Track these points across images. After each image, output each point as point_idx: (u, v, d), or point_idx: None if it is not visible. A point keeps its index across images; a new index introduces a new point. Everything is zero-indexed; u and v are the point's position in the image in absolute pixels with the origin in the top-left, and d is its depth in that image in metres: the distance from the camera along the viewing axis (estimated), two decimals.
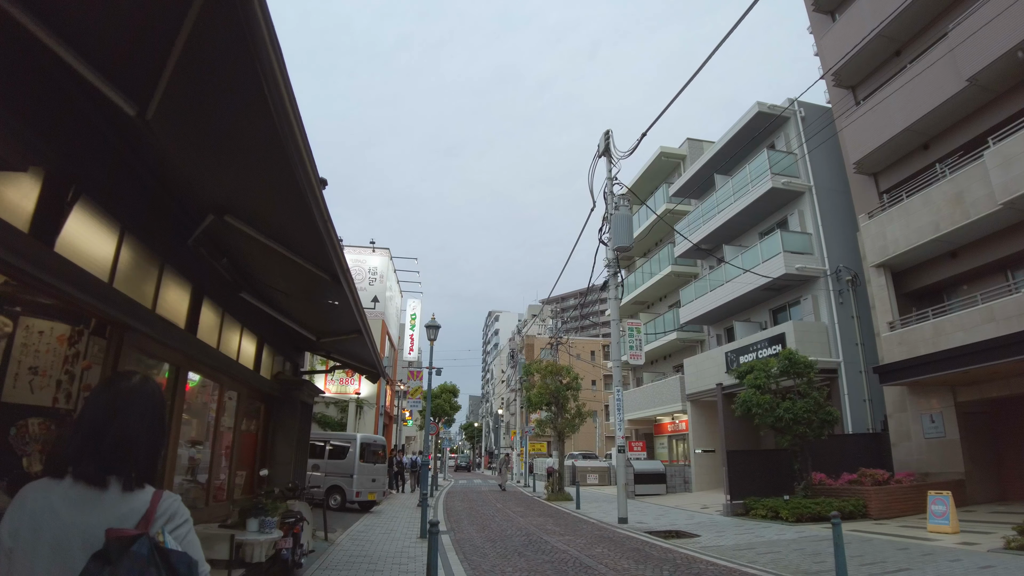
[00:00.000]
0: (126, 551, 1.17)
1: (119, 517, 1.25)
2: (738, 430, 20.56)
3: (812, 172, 19.97)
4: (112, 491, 1.28)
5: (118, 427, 1.32)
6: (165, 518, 1.30)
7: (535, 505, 18.43)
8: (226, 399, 6.63)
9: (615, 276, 14.96)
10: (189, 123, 3.10)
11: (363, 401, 18.80)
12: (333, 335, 6.88)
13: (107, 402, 1.34)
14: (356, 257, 20.32)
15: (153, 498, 1.31)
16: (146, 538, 1.20)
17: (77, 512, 1.23)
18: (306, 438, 8.89)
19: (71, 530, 1.21)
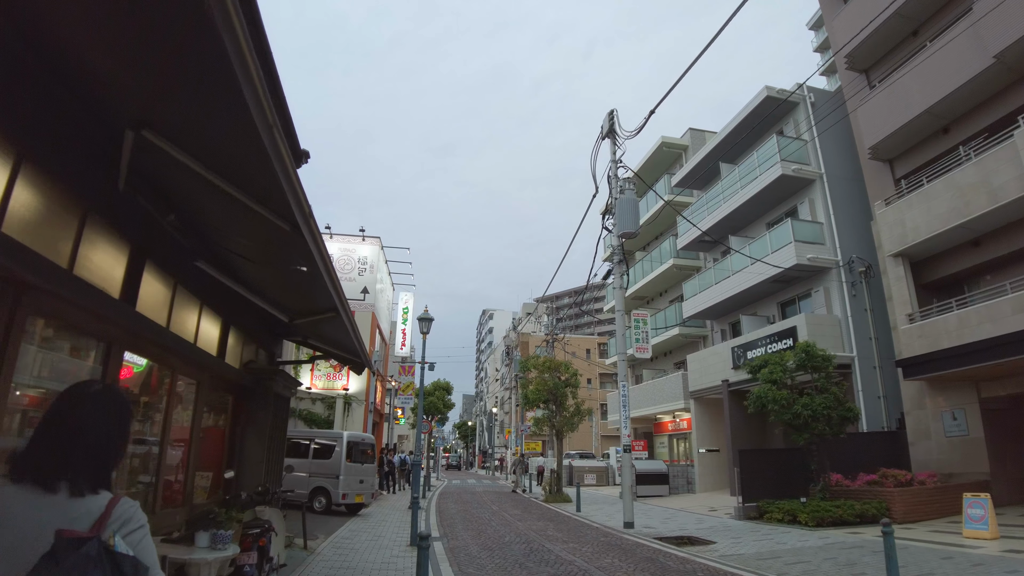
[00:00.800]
0: (75, 551, 1.18)
1: (72, 519, 1.27)
2: (745, 428, 19.77)
3: (823, 159, 19.12)
4: (64, 492, 1.30)
5: (73, 433, 1.35)
6: (119, 523, 1.31)
7: (533, 507, 17.49)
8: (181, 388, 5.64)
9: (620, 264, 14.04)
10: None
11: (351, 397, 17.80)
12: (308, 315, 5.90)
13: (66, 408, 1.38)
14: (344, 246, 19.29)
15: (109, 503, 1.33)
16: (96, 540, 1.22)
17: (33, 513, 1.27)
18: (281, 435, 7.92)
19: (27, 531, 1.24)
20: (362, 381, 18.05)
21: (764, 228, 20.78)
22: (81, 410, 1.38)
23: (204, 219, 4.59)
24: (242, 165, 3.13)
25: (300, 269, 4.43)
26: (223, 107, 2.52)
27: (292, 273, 4.93)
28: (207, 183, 3.34)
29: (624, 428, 13.02)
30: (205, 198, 3.99)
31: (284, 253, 4.38)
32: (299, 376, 17.75)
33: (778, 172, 18.64)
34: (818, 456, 13.37)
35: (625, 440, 12.95)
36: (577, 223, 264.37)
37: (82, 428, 1.36)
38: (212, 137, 2.99)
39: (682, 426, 25.49)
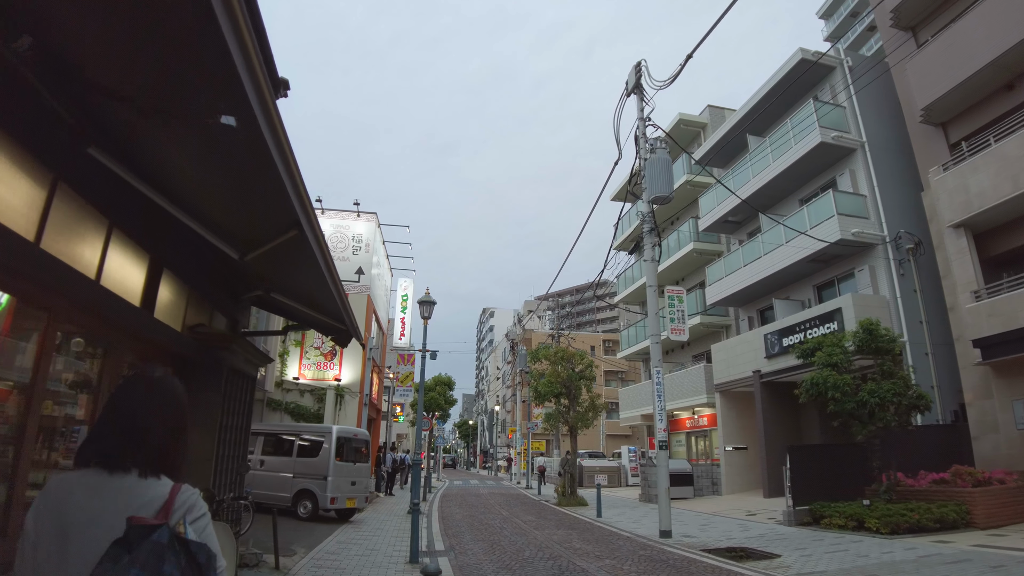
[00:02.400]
0: (146, 538, 1.20)
1: (138, 506, 1.28)
2: (778, 423, 17.95)
3: (864, 126, 17.34)
4: (129, 480, 1.31)
5: (137, 418, 1.36)
6: (184, 510, 1.33)
7: (547, 512, 15.66)
8: (60, 340, 3.82)
9: (652, 232, 12.23)
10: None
11: (344, 389, 15.97)
12: (262, 241, 4.07)
13: (127, 394, 1.40)
14: (337, 222, 17.46)
15: (172, 490, 1.34)
16: (166, 527, 1.24)
17: (96, 500, 1.27)
18: (242, 423, 6.10)
19: (90, 518, 1.25)
20: (356, 371, 16.22)
21: (797, 205, 18.99)
22: (148, 395, 1.40)
23: (85, 50, 2.77)
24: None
25: (226, 123, 2.61)
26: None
27: (223, 151, 3.12)
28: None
29: (659, 421, 11.21)
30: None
31: (196, 88, 2.58)
32: (286, 365, 15.93)
33: (816, 139, 16.85)
34: (881, 452, 11.57)
35: (661, 435, 11.14)
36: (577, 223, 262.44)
37: (148, 413, 1.38)
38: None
39: (702, 423, 23.68)
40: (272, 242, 3.99)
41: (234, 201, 3.84)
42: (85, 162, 3.38)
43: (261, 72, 2.44)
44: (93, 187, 3.70)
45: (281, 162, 2.98)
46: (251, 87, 2.39)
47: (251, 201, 3.71)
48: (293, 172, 3.17)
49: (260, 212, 3.79)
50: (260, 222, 3.94)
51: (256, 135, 2.69)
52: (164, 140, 3.28)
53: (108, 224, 4.04)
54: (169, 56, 2.47)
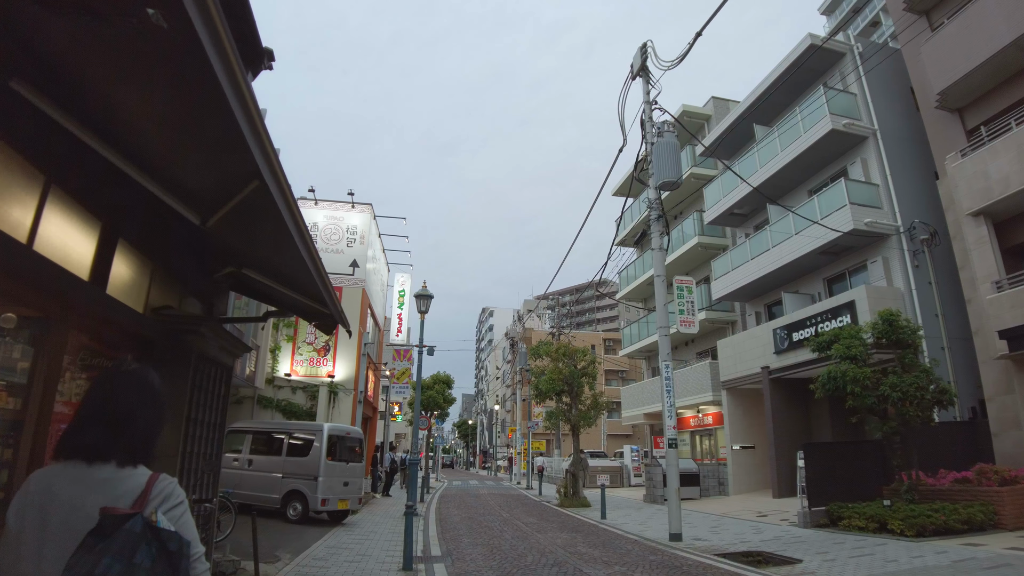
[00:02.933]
0: (119, 528, 1.22)
1: (115, 497, 1.31)
2: (788, 421, 17.37)
3: (875, 114, 16.77)
4: (108, 470, 1.35)
5: (113, 409, 1.39)
6: (160, 499, 1.34)
7: (549, 514, 15.07)
8: None
9: (659, 219, 11.65)
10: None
11: (338, 386, 15.36)
12: (222, 202, 3.48)
13: (105, 387, 1.44)
14: (331, 213, 16.83)
15: (149, 480, 1.37)
16: (139, 517, 1.26)
17: (75, 492, 1.30)
18: (216, 418, 5.49)
19: (69, 509, 1.28)
20: (351, 368, 15.61)
21: (806, 195, 18.43)
22: (125, 386, 1.42)
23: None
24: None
25: (156, 22, 2.02)
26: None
27: (171, 89, 2.53)
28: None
29: (669, 418, 10.62)
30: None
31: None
32: (278, 361, 15.32)
33: (827, 127, 16.29)
34: (902, 449, 11.00)
35: (670, 433, 10.55)
36: (577, 222, 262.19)
37: (125, 404, 1.40)
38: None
39: (706, 421, 23.11)
40: (233, 200, 3.39)
41: (186, 148, 3.25)
42: (8, 98, 2.78)
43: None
44: (21, 132, 3.11)
45: (231, 89, 2.39)
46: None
47: (204, 146, 3.12)
48: (247, 103, 2.57)
49: (215, 161, 3.20)
50: (216, 173, 3.35)
51: (195, 46, 2.09)
52: (98, 68, 2.69)
53: (44, 180, 3.44)
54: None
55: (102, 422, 1.38)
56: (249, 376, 13.01)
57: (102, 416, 1.39)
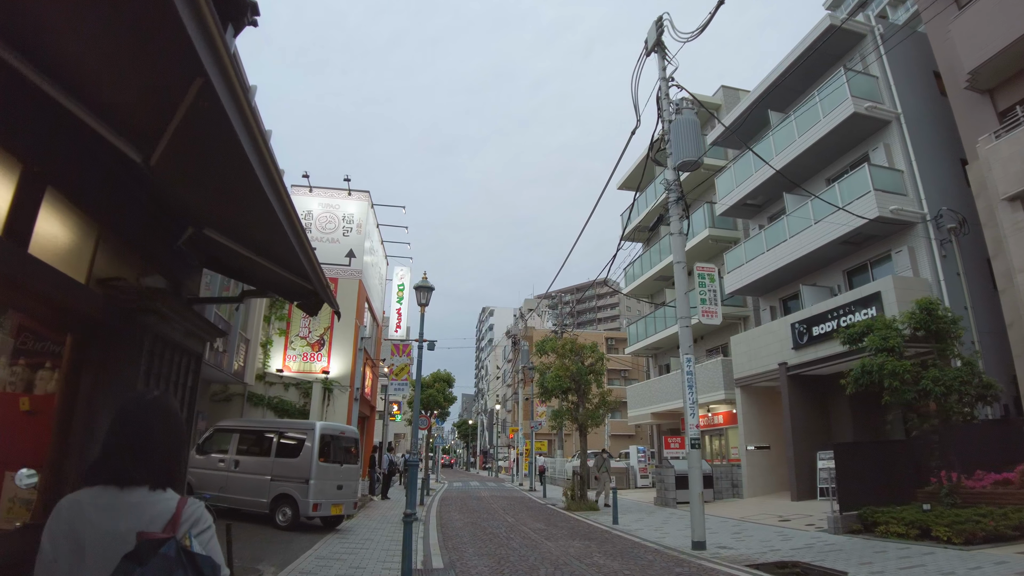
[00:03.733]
0: (155, 552, 1.25)
1: (147, 521, 1.34)
2: (806, 420, 16.55)
3: (898, 97, 15.96)
4: (140, 493, 1.38)
5: (141, 435, 1.43)
6: (190, 523, 1.38)
7: (557, 519, 14.24)
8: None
9: (678, 202, 10.83)
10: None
11: (333, 382, 14.50)
12: (162, 124, 2.64)
13: (131, 414, 1.46)
14: (326, 201, 15.95)
15: (179, 504, 1.40)
16: (174, 541, 1.29)
17: (107, 518, 1.33)
18: (183, 414, 4.68)
19: (103, 534, 1.31)
20: (346, 363, 14.74)
21: (824, 184, 17.61)
22: (150, 416, 1.47)
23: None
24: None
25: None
26: None
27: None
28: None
29: (691, 416, 9.79)
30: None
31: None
32: (269, 356, 14.47)
33: (848, 110, 15.46)
34: (940, 448, 10.17)
35: (693, 432, 9.72)
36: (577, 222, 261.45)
37: (152, 431, 1.45)
38: None
39: (717, 421, 22.30)
40: (175, 117, 2.56)
41: (108, 41, 2.40)
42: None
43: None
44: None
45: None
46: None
47: (129, 34, 2.27)
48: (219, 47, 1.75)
49: (145, 55, 2.36)
50: (148, 74, 2.50)
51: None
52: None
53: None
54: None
55: (131, 448, 1.42)
56: (238, 371, 12.18)
57: (130, 442, 1.43)
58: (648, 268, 25.67)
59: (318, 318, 14.93)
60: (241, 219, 3.87)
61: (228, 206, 3.77)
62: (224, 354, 11.20)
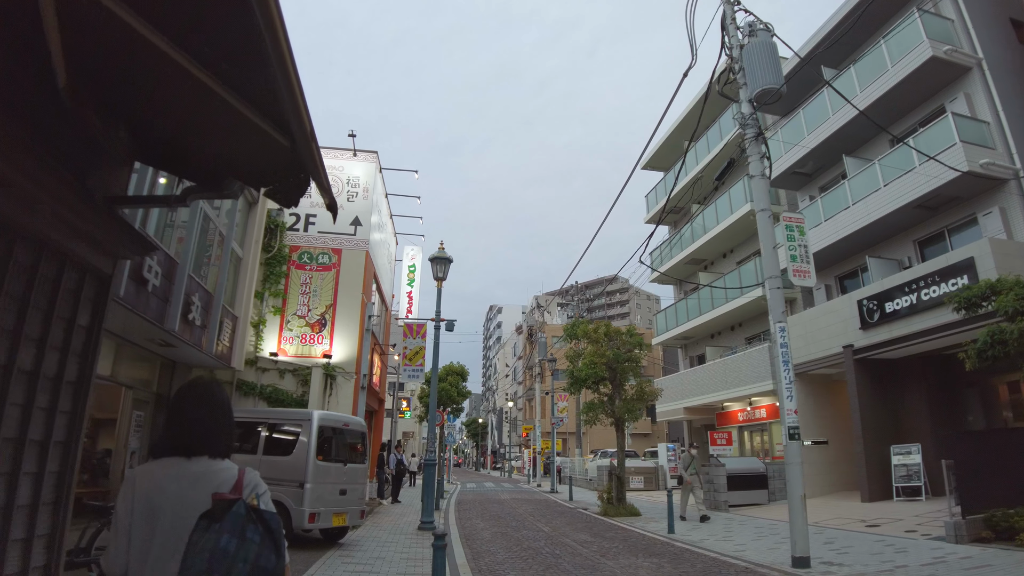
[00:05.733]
0: (228, 510, 1.45)
1: (216, 485, 1.57)
2: (878, 409, 14.47)
3: (978, 41, 13.92)
4: (202, 463, 1.62)
5: (204, 416, 1.68)
6: (252, 487, 1.63)
7: (599, 527, 12.24)
8: None
9: (757, 140, 8.86)
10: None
11: (336, 369, 12.52)
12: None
13: (193, 398, 1.71)
14: (329, 163, 13.83)
15: (240, 472, 1.66)
16: (242, 501, 1.50)
17: (178, 485, 1.55)
18: (67, 368, 2.70)
19: (175, 498, 1.53)
20: (352, 346, 12.73)
21: (888, 146, 15.60)
22: (213, 396, 1.73)
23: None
24: None
25: None
26: None
27: None
28: None
29: (788, 399, 7.85)
30: None
31: None
32: (262, 338, 12.51)
33: (926, 54, 13.44)
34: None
35: (790, 418, 7.75)
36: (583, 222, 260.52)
37: (217, 409, 1.71)
38: None
39: (758, 416, 20.25)
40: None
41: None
42: None
43: None
44: None
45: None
46: None
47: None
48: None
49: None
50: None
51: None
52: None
53: None
54: None
55: (196, 423, 1.64)
56: (222, 354, 10.24)
57: (195, 418, 1.65)
58: (682, 247, 23.64)
59: (319, 294, 12.97)
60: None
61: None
62: (204, 330, 9.26)
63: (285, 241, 13.11)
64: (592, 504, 16.93)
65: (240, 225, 11.49)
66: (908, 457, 13.54)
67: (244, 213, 11.68)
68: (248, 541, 1.42)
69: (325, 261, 13.25)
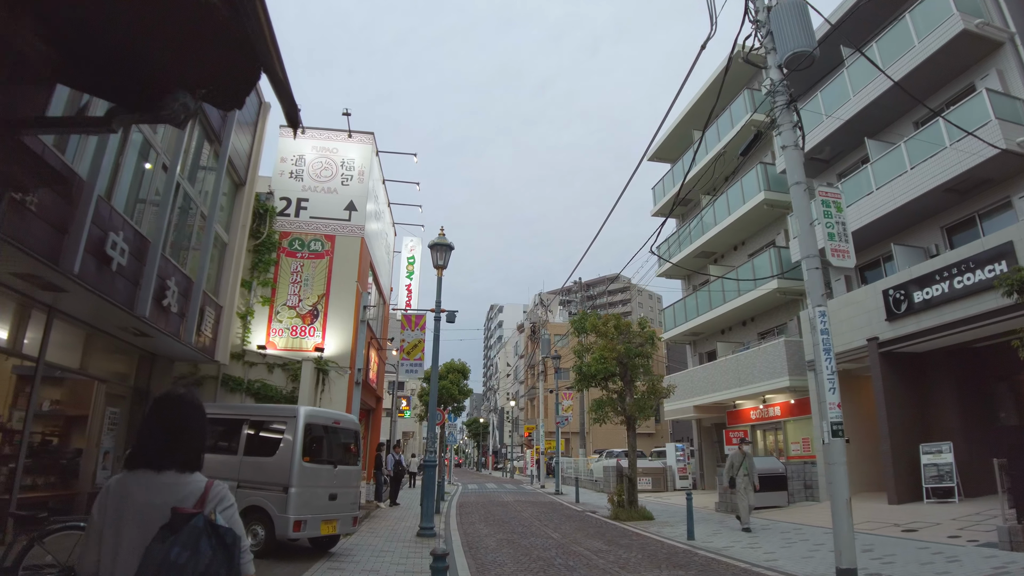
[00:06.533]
0: (186, 523, 1.50)
1: (180, 498, 1.60)
2: (905, 405, 13.63)
3: (1009, 13, 13.11)
4: (170, 476, 1.64)
5: (171, 426, 1.70)
6: (216, 501, 1.64)
7: (611, 532, 11.44)
8: None
9: (788, 107, 8.05)
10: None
11: (329, 363, 11.69)
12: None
13: (163, 408, 1.74)
14: (322, 144, 13.04)
15: (207, 485, 1.67)
16: (201, 515, 1.54)
17: (146, 494, 1.59)
18: None
19: (142, 508, 1.57)
20: (346, 340, 11.87)
21: (911, 128, 14.83)
22: (181, 410, 1.73)
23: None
24: None
25: None
26: None
27: None
28: None
29: (830, 391, 7.02)
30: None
31: None
32: (249, 330, 11.71)
33: (956, 27, 12.63)
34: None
35: (833, 412, 6.94)
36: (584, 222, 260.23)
37: (184, 424, 1.71)
38: None
39: (771, 414, 19.44)
40: None
41: None
42: None
43: None
44: None
45: None
46: None
47: None
48: None
49: None
50: None
51: None
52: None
53: None
54: None
55: (164, 438, 1.67)
56: (204, 345, 9.45)
57: (164, 433, 1.68)
58: (691, 240, 22.83)
59: (310, 283, 12.16)
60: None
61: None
62: (182, 319, 8.46)
63: (275, 227, 12.30)
64: (600, 507, 16.12)
65: (225, 208, 10.70)
66: (939, 456, 12.74)
67: (230, 196, 10.89)
68: (200, 554, 1.47)
69: (317, 248, 12.43)
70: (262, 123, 11.69)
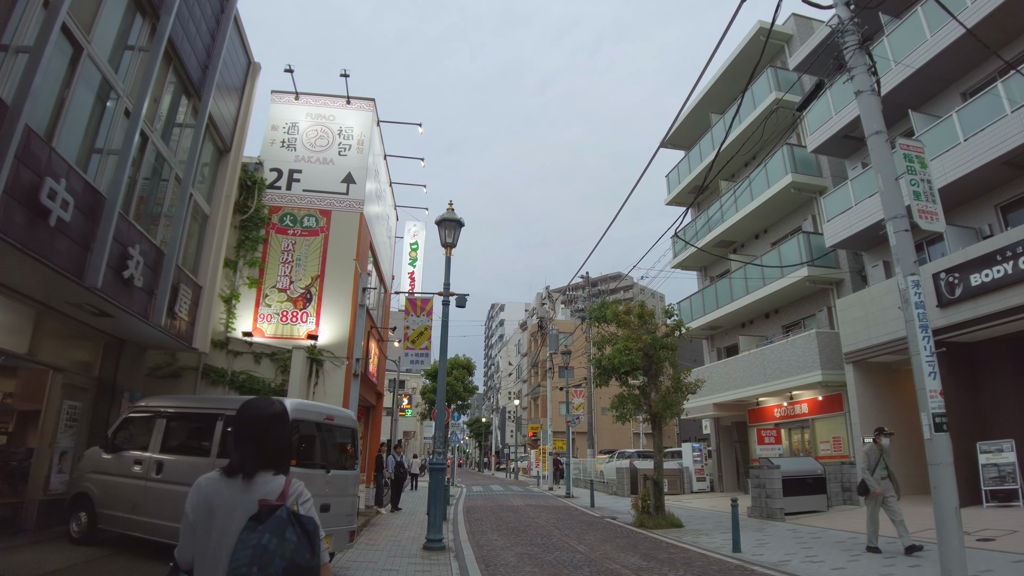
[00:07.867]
0: (272, 514, 1.67)
1: (264, 494, 1.76)
2: (958, 400, 12.40)
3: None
4: (259, 476, 1.81)
5: (260, 436, 1.85)
6: (295, 495, 1.82)
7: (645, 543, 10.22)
8: None
9: (860, 49, 6.82)
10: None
11: (323, 352, 10.43)
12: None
13: (255, 421, 1.87)
14: (318, 111, 11.72)
15: (287, 482, 1.83)
16: (285, 507, 1.71)
17: (235, 492, 1.76)
18: None
19: (231, 502, 1.74)
20: (342, 327, 10.59)
21: (959, 100, 13.67)
22: (275, 424, 1.88)
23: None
24: None
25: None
26: None
27: None
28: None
29: (930, 377, 5.81)
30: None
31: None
32: (234, 315, 10.48)
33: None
34: None
35: (934, 401, 5.74)
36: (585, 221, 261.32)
37: (273, 433, 1.87)
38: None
39: (797, 412, 18.24)
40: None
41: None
42: None
43: None
44: None
45: None
46: None
47: None
48: None
49: None
50: None
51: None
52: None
53: None
54: None
55: (254, 447, 1.83)
56: (180, 330, 8.23)
57: (260, 443, 1.83)
58: (709, 229, 21.62)
59: (303, 263, 10.91)
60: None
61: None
62: (151, 297, 7.23)
63: (264, 201, 11.08)
64: (619, 512, 14.92)
65: (207, 177, 9.48)
66: (999, 455, 11.55)
67: (213, 163, 9.66)
68: (286, 540, 1.63)
69: (311, 224, 11.20)
70: (251, 85, 10.47)
